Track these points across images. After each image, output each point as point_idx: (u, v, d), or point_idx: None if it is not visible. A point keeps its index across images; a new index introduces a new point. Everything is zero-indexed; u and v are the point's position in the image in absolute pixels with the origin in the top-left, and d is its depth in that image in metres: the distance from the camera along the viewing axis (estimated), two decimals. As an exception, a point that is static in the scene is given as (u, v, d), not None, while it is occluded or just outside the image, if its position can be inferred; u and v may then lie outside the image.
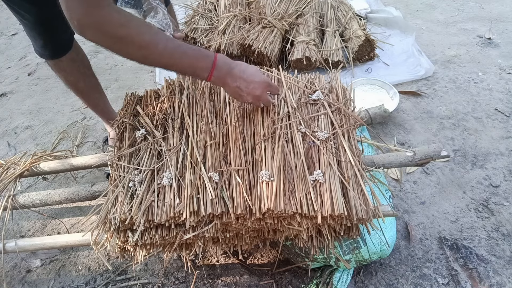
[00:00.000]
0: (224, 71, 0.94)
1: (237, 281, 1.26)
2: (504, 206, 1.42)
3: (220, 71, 0.94)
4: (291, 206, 0.90)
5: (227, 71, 0.95)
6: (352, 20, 2.22)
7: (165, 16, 1.18)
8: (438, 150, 1.16)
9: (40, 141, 1.97)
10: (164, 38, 0.86)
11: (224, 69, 0.94)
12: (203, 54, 0.92)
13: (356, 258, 1.16)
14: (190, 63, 0.90)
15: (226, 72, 0.95)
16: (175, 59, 0.88)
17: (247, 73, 0.97)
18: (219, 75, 0.94)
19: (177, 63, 0.89)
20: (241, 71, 0.96)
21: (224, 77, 0.95)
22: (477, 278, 1.21)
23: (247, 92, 0.97)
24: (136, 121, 1.15)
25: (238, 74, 0.96)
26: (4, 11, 3.22)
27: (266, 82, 1.00)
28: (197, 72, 0.93)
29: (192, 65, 0.91)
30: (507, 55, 2.14)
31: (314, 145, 1.01)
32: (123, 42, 0.81)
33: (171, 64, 0.89)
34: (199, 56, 0.91)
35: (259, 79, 0.98)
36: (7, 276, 1.38)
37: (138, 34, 0.81)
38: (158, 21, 1.16)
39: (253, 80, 0.97)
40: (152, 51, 0.85)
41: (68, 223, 1.53)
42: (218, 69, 0.93)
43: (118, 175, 1.03)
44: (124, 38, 0.80)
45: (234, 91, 0.98)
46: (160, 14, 1.17)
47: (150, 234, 0.96)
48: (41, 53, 1.34)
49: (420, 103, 1.90)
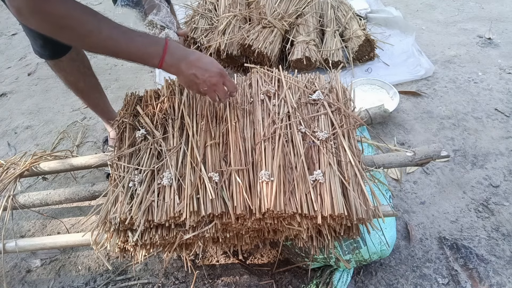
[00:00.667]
0: (177, 57, 0.92)
1: (237, 281, 1.26)
2: (504, 206, 1.42)
3: (173, 57, 0.91)
4: (291, 206, 0.90)
5: (181, 58, 0.92)
6: (352, 20, 2.22)
7: (168, 13, 1.17)
8: (438, 150, 1.16)
9: (40, 141, 1.97)
10: (109, 26, 0.85)
11: (177, 55, 0.92)
12: (153, 40, 0.90)
13: (356, 258, 1.16)
14: (138, 49, 0.88)
15: (179, 59, 0.92)
16: (121, 46, 0.86)
17: (202, 61, 0.94)
18: (172, 61, 0.91)
19: (123, 50, 0.87)
20: (197, 59, 0.94)
21: (177, 64, 0.92)
22: (477, 278, 1.21)
23: (203, 80, 0.94)
24: (136, 121, 1.15)
25: (194, 61, 0.93)
26: (4, 11, 3.22)
27: (222, 72, 0.97)
28: (147, 58, 0.90)
29: (140, 51, 0.88)
30: (507, 55, 2.14)
31: (314, 145, 1.01)
32: (66, 32, 0.80)
33: (117, 52, 0.87)
34: (148, 42, 0.89)
35: (216, 68, 0.96)
36: (7, 276, 1.38)
37: (80, 23, 0.80)
38: (161, 19, 1.15)
39: (209, 69, 0.94)
40: (96, 39, 0.83)
41: (68, 223, 1.53)
42: (170, 55, 0.90)
43: (118, 175, 1.03)
44: (66, 27, 0.79)
45: (188, 79, 0.95)
46: (163, 12, 1.16)
47: (150, 234, 0.96)
48: (40, 53, 1.34)
49: (420, 103, 1.90)
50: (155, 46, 0.90)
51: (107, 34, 0.84)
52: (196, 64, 0.93)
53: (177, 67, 0.93)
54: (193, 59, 0.93)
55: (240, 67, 2.16)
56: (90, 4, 3.16)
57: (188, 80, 0.96)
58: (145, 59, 0.90)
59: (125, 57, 0.89)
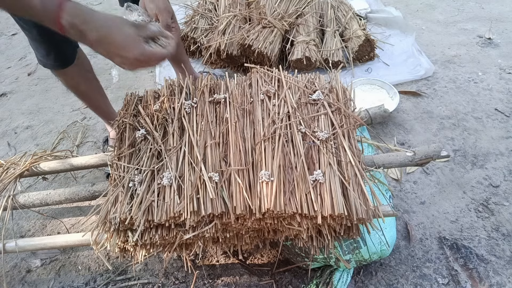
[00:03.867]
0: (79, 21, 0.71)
1: (237, 281, 1.26)
2: (504, 206, 1.42)
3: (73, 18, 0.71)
4: (291, 206, 0.90)
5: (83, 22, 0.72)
6: (352, 20, 2.22)
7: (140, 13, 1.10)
8: (438, 150, 1.16)
9: (40, 141, 1.97)
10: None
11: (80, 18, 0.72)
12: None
13: (356, 258, 1.16)
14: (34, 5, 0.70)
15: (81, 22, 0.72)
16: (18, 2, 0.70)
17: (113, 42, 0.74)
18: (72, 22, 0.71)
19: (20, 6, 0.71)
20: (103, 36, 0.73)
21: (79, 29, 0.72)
22: (477, 278, 1.21)
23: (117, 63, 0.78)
24: (136, 121, 1.15)
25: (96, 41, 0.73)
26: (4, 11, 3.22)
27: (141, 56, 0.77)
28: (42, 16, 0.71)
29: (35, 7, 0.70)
30: (507, 55, 2.14)
31: (314, 145, 1.01)
32: None
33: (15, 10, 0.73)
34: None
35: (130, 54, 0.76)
36: (7, 276, 1.38)
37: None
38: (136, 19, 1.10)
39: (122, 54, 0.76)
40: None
41: (68, 223, 1.53)
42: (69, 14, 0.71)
43: (118, 175, 1.03)
44: None
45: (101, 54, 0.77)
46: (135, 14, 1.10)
47: (150, 234, 0.96)
48: (44, 63, 1.34)
49: (420, 103, 1.90)
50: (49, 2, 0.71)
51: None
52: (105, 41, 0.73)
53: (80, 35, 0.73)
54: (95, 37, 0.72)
55: (240, 67, 2.16)
56: (90, 4, 3.16)
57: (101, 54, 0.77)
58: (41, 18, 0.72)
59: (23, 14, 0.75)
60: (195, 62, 2.29)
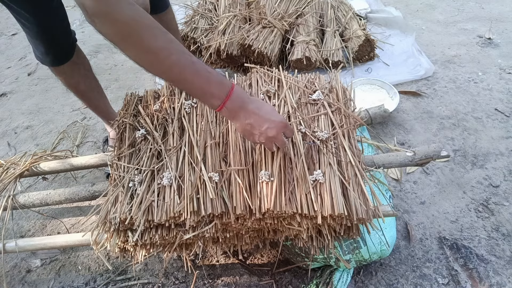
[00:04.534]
0: (238, 104, 0.85)
1: (237, 281, 1.26)
2: (504, 206, 1.42)
3: (234, 103, 0.84)
4: (291, 206, 0.90)
5: (241, 105, 0.85)
6: (352, 20, 2.22)
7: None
8: (438, 150, 1.16)
9: (40, 141, 1.97)
10: (178, 50, 0.77)
11: (238, 102, 0.85)
12: (219, 80, 0.82)
13: (356, 258, 1.16)
14: (202, 85, 0.81)
15: (239, 106, 0.85)
16: (185, 76, 0.79)
17: (263, 110, 0.87)
18: (233, 107, 0.84)
19: (187, 80, 0.80)
20: (257, 107, 0.86)
21: (237, 111, 0.85)
22: (477, 278, 1.21)
23: (260, 132, 0.87)
24: (136, 121, 1.15)
25: (253, 110, 0.86)
26: (4, 11, 3.22)
27: (283, 122, 0.89)
28: (207, 98, 0.83)
29: (204, 87, 0.81)
30: (507, 55, 2.14)
31: (314, 145, 1.01)
32: (131, 40, 0.73)
33: (179, 81, 0.81)
34: (214, 80, 0.81)
35: (276, 119, 0.88)
36: (7, 276, 1.38)
37: (150, 35, 0.74)
38: None
39: (269, 119, 0.87)
40: (161, 59, 0.76)
41: (68, 223, 1.53)
42: (233, 101, 0.83)
43: (118, 175, 1.03)
44: (132, 35, 0.73)
45: (245, 129, 0.88)
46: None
47: (150, 234, 0.96)
48: (42, 60, 1.34)
49: (420, 103, 1.90)
50: (220, 87, 0.82)
51: (176, 58, 0.76)
52: (256, 113, 0.86)
53: (235, 114, 0.86)
54: (253, 108, 0.86)
55: (240, 67, 2.16)
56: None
57: (244, 129, 0.89)
58: (205, 98, 0.84)
59: (185, 88, 0.85)
60: (195, 62, 2.28)
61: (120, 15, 0.71)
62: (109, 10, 0.70)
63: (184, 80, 0.80)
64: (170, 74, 0.79)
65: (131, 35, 0.73)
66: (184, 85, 0.82)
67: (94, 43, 2.67)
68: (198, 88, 0.81)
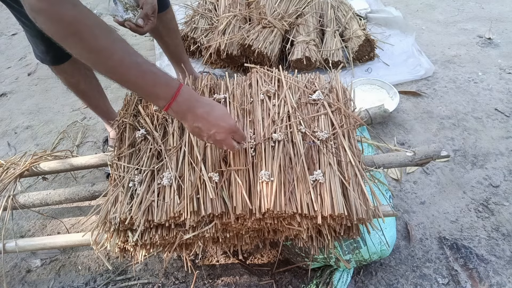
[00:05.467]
0: (184, 107, 0.85)
1: (237, 281, 1.26)
2: (504, 206, 1.42)
3: (180, 106, 0.84)
4: (291, 206, 0.90)
5: (188, 108, 0.85)
6: (352, 20, 2.22)
7: None
8: (438, 150, 1.16)
9: (40, 141, 1.97)
10: (123, 50, 0.77)
11: (185, 104, 0.85)
12: (164, 81, 0.82)
13: (356, 258, 1.16)
14: (146, 86, 0.81)
15: (187, 109, 0.85)
16: (129, 77, 0.79)
17: (212, 115, 0.87)
18: (179, 109, 0.84)
19: (131, 81, 0.79)
20: (206, 112, 0.86)
21: (184, 113, 0.85)
22: (477, 278, 1.21)
23: (208, 135, 0.88)
24: (136, 121, 1.15)
25: (201, 114, 0.86)
26: (4, 11, 3.22)
27: (231, 128, 0.89)
28: (153, 98, 0.84)
29: (148, 88, 0.81)
30: (507, 55, 2.14)
31: (314, 145, 1.01)
32: (72, 40, 0.73)
33: (124, 81, 0.80)
34: (159, 81, 0.81)
35: (225, 124, 0.88)
36: (7, 276, 1.38)
37: (91, 35, 0.73)
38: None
39: (217, 124, 0.87)
40: (103, 59, 0.76)
41: (68, 223, 1.53)
42: (178, 103, 0.83)
43: (118, 175, 1.03)
44: (74, 34, 0.72)
45: (193, 130, 0.89)
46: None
47: (150, 234, 0.96)
48: (42, 59, 1.34)
49: (420, 103, 1.90)
50: (166, 89, 0.82)
51: (119, 58, 0.76)
52: (204, 117, 0.86)
53: (182, 116, 0.86)
54: (201, 112, 0.86)
55: (240, 67, 2.16)
56: (90, 4, 3.16)
57: (193, 131, 0.90)
58: (151, 98, 0.85)
59: (131, 88, 0.84)
60: (195, 62, 2.29)
61: (61, 14, 0.70)
62: (51, 9, 0.69)
63: (128, 81, 0.80)
64: (114, 74, 0.79)
65: (72, 35, 0.72)
66: (129, 85, 0.82)
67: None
68: (143, 89, 0.81)
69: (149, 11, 1.30)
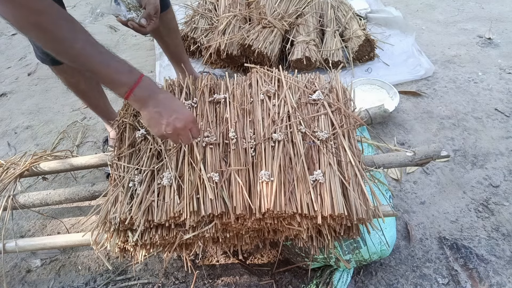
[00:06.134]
0: (147, 92, 0.87)
1: (237, 281, 1.26)
2: (504, 206, 1.42)
3: (143, 91, 0.86)
4: (291, 206, 0.90)
5: (150, 94, 0.88)
6: (352, 20, 2.22)
7: None
8: (438, 150, 1.16)
9: (40, 141, 1.97)
10: (85, 40, 0.80)
11: (148, 90, 0.87)
12: (127, 69, 0.86)
13: (356, 258, 1.16)
14: (109, 73, 0.83)
15: (148, 94, 0.87)
16: (92, 65, 0.82)
17: (173, 103, 0.90)
18: (142, 95, 0.86)
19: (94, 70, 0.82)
20: (166, 98, 0.90)
21: (146, 99, 0.87)
22: (477, 278, 1.21)
23: (167, 122, 0.88)
24: (136, 121, 1.15)
25: (163, 99, 0.89)
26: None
27: (192, 117, 0.92)
28: (115, 86, 0.86)
29: (111, 75, 0.84)
30: (507, 55, 2.14)
31: (314, 145, 1.01)
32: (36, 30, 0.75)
33: (87, 69, 0.83)
34: (122, 69, 0.85)
35: (186, 112, 0.91)
36: (7, 276, 1.38)
37: (54, 26, 0.75)
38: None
39: (178, 110, 0.89)
40: (65, 48, 0.78)
41: (68, 223, 1.53)
42: (141, 88, 0.86)
43: (118, 175, 1.03)
44: (37, 26, 0.74)
45: (152, 116, 0.89)
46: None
47: (150, 234, 0.96)
48: (42, 59, 1.33)
49: (420, 103, 1.90)
50: (129, 75, 0.85)
51: (81, 47, 0.79)
52: (165, 103, 0.89)
53: (144, 102, 0.88)
54: (163, 97, 0.89)
55: (240, 67, 2.16)
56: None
57: (151, 118, 0.89)
58: (113, 85, 0.86)
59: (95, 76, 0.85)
60: (195, 62, 2.29)
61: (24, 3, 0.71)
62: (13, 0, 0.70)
63: (91, 69, 0.82)
64: (77, 62, 0.81)
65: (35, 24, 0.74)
66: (92, 73, 0.83)
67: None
68: (106, 76, 0.84)
69: (152, 11, 1.31)
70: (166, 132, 0.90)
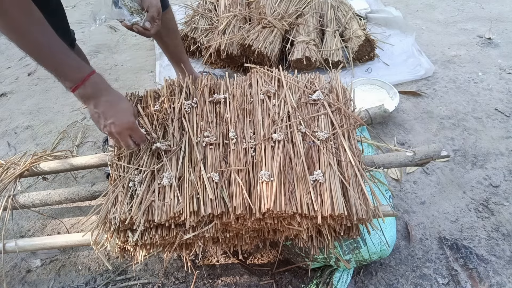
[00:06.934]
0: (90, 93, 0.91)
1: (237, 281, 1.26)
2: (504, 206, 1.42)
3: (87, 90, 0.90)
4: (291, 206, 0.90)
5: (94, 94, 0.91)
6: (352, 20, 2.22)
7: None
8: (438, 150, 1.16)
9: (40, 141, 1.97)
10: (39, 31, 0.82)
11: (92, 91, 0.91)
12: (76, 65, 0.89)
13: (356, 258, 1.16)
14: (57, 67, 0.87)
15: (92, 94, 0.91)
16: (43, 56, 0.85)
17: (115, 107, 0.93)
18: (85, 93, 0.90)
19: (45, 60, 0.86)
20: (109, 101, 0.92)
21: (88, 98, 0.91)
22: (477, 278, 1.21)
23: (104, 124, 0.93)
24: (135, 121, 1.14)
25: (104, 102, 0.92)
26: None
27: (129, 124, 0.95)
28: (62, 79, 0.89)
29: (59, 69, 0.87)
30: (507, 55, 2.14)
31: (314, 145, 1.01)
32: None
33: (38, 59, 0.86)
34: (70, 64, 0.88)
35: (124, 118, 0.94)
36: (7, 276, 1.38)
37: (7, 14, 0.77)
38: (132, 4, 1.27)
39: (116, 116, 0.93)
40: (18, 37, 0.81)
41: (68, 223, 1.53)
42: (86, 87, 0.90)
43: (118, 175, 1.03)
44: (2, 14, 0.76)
45: (92, 115, 0.95)
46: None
47: (150, 234, 0.96)
48: None
49: (420, 103, 1.90)
50: (76, 71, 0.89)
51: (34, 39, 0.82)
52: (105, 106, 0.92)
53: (86, 100, 0.92)
54: (105, 100, 0.92)
55: (240, 67, 2.16)
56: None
57: (92, 116, 0.95)
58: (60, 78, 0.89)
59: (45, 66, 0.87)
60: (195, 62, 2.29)
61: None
62: None
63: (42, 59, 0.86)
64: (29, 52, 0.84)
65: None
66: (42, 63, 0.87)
67: (94, 43, 2.67)
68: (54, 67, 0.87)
69: (155, 13, 1.32)
70: (106, 132, 0.95)
